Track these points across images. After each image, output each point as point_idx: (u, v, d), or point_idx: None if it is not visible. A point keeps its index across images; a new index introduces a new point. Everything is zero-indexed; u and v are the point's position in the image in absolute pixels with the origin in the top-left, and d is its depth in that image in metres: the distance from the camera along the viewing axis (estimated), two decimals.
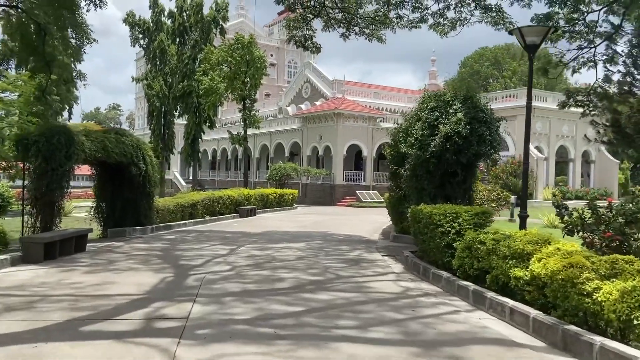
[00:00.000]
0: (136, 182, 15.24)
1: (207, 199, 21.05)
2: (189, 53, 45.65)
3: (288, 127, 48.56)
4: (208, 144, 61.54)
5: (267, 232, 17.14)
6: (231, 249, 12.27)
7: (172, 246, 12.61)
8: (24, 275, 8.34)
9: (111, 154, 13.67)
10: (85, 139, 12.78)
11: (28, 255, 9.38)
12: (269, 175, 41.12)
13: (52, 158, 11.34)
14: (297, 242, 13.98)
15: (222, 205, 22.38)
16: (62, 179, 11.54)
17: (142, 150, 15.37)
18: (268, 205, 28.81)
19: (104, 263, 9.73)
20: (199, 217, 20.19)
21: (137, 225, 15.57)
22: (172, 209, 18.02)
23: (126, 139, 14.88)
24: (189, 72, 44.92)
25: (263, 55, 39.27)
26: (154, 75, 48.78)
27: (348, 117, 42.67)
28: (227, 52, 38.70)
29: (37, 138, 11.38)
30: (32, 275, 8.35)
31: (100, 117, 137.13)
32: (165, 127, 50.23)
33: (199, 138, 47.57)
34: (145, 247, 12.25)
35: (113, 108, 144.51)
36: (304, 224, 21.21)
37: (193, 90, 44.21)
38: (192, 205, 19.67)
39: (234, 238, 14.83)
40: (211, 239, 14.56)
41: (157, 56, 48.96)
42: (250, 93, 39.91)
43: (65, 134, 11.71)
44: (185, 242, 13.69)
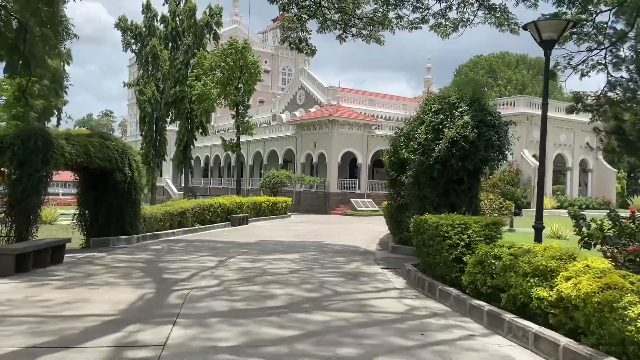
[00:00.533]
0: (121, 189, 14.44)
1: (197, 207, 20.24)
2: (181, 58, 44.96)
3: (282, 134, 47.87)
4: (201, 150, 60.69)
5: (260, 242, 16.35)
6: (220, 260, 11.47)
7: (157, 257, 11.81)
8: None
9: (94, 159, 12.88)
10: (66, 142, 11.99)
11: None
12: (262, 182, 40.33)
13: (27, 163, 10.54)
14: (291, 253, 13.22)
15: (212, 214, 21.57)
16: (39, 185, 10.73)
17: (127, 156, 14.58)
18: (261, 214, 28.02)
19: (80, 277, 8.92)
20: (188, 225, 19.37)
21: (122, 235, 14.75)
22: (160, 217, 17.20)
23: (111, 143, 14.10)
24: (181, 78, 44.20)
25: (257, 60, 38.66)
26: (146, 80, 48.06)
27: (343, 124, 42.05)
28: (220, 57, 38.04)
29: (12, 141, 10.59)
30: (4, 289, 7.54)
31: (93, 123, 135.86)
32: (157, 133, 49.45)
33: (191, 145, 46.78)
34: (128, 259, 11.43)
35: (106, 115, 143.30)
36: (298, 233, 20.45)
37: (185, 96, 43.47)
38: (181, 213, 18.86)
39: (224, 248, 14.04)
40: (200, 249, 13.76)
41: (150, 61, 48.28)
42: (243, 99, 39.27)
43: (43, 136, 10.91)
44: (172, 252, 12.88)
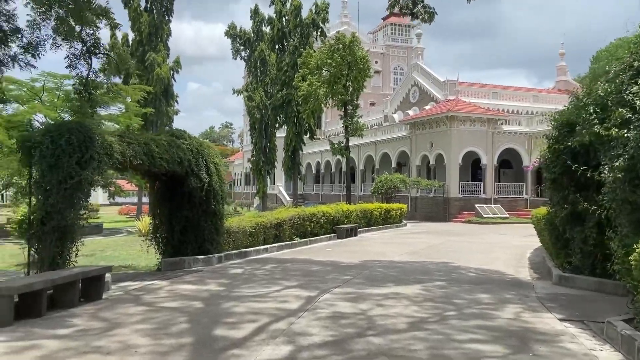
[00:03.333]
0: (197, 198, 11.80)
1: (296, 217, 17.24)
2: (287, 60, 43.17)
3: (395, 135, 43.92)
4: (311, 156, 58.81)
5: (368, 263, 12.80)
6: (309, 297, 8.11)
7: (227, 290, 8.77)
8: None
9: (157, 161, 10.29)
10: (118, 140, 9.49)
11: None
12: (374, 188, 36.76)
13: (58, 166, 8.10)
14: (409, 284, 9.48)
15: (315, 224, 18.47)
16: (74, 194, 8.23)
17: (204, 157, 11.91)
18: (372, 223, 24.48)
19: (97, 331, 6.06)
20: (286, 239, 16.44)
21: (201, 254, 12.11)
22: (250, 230, 14.41)
23: (183, 142, 11.51)
24: (287, 80, 42.36)
25: (366, 55, 35.30)
26: (255, 86, 47.14)
27: (463, 121, 37.09)
28: (327, 54, 35.32)
29: (40, 139, 8.23)
30: None
31: (215, 135, 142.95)
32: (267, 139, 48.28)
33: (299, 150, 44.75)
34: (189, 292, 8.53)
35: (225, 127, 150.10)
36: (415, 248, 16.55)
37: (292, 98, 41.53)
38: (276, 225, 15.96)
39: (321, 274, 10.68)
40: (289, 275, 10.55)
41: (258, 67, 47.36)
42: (352, 98, 36.12)
43: (80, 132, 8.43)
44: (251, 281, 9.81)
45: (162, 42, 37.76)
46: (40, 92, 27.24)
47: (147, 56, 36.58)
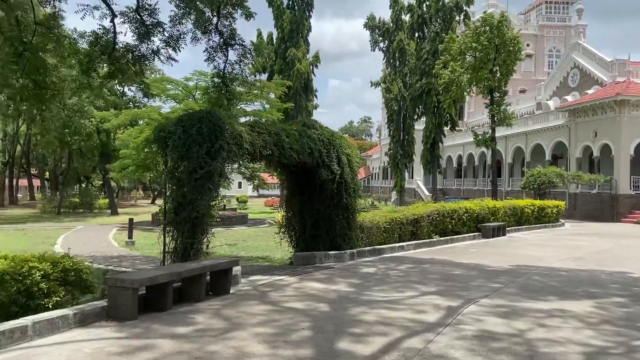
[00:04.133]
0: (329, 191, 11.22)
1: (435, 213, 15.88)
2: (428, 47, 41.23)
3: (549, 124, 39.52)
4: (452, 149, 55.89)
5: (521, 268, 11.08)
6: (450, 308, 6.94)
7: (357, 291, 7.96)
8: (62, 353, 4.77)
9: (287, 152, 9.86)
10: (249, 130, 9.21)
11: (115, 308, 5.90)
12: (524, 183, 33.37)
13: (188, 155, 7.99)
14: (577, 299, 7.76)
15: (456, 222, 16.90)
16: (204, 185, 8.06)
17: (335, 148, 11.27)
18: (523, 222, 21.97)
19: (217, 332, 5.62)
20: (423, 237, 15.23)
21: (332, 249, 11.52)
22: (385, 226, 13.50)
23: (314, 132, 10.99)
24: (427, 69, 40.46)
25: (517, 35, 32.09)
26: (393, 77, 45.98)
27: (636, 105, 31.92)
28: (471, 37, 32.83)
29: (173, 128, 8.21)
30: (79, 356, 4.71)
31: (353, 129, 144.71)
32: (405, 132, 46.88)
33: (439, 142, 42.60)
34: (316, 291, 7.90)
35: (364, 121, 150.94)
36: (579, 253, 14.17)
37: (432, 88, 39.61)
38: (413, 221, 14.83)
39: (464, 279, 9.37)
40: (426, 278, 9.41)
41: (397, 57, 46.12)
42: (499, 84, 33.21)
43: (210, 121, 8.24)
44: (384, 282, 8.88)
45: (303, 37, 38.45)
46: (193, 90, 29.32)
47: (287, 52, 37.53)
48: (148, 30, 10.37)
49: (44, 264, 5.56)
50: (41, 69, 11.00)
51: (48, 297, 5.48)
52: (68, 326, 5.44)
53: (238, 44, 11.20)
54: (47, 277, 5.52)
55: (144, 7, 10.20)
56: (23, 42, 10.56)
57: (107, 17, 10.05)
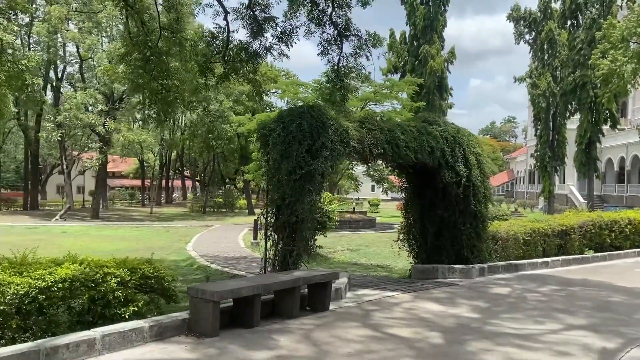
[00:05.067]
0: (453, 195, 9.84)
1: (590, 224, 13.38)
2: (583, 36, 36.50)
3: None
4: (613, 150, 49.00)
5: None
6: (604, 351, 5.26)
7: (480, 320, 6.55)
8: None
9: (403, 151, 8.73)
10: (357, 126, 8.28)
11: (197, 322, 5.36)
12: None
13: (288, 154, 7.30)
14: None
15: (617, 235, 14.11)
16: (304, 187, 7.29)
17: (462, 146, 9.84)
18: None
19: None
20: (574, 252, 12.89)
21: (458, 262, 10.09)
22: (524, 238, 11.60)
23: (436, 128, 9.70)
24: (582, 60, 35.78)
25: None
26: (540, 72, 41.67)
27: None
28: (636, 21, 28.20)
29: (273, 125, 7.59)
30: None
31: (495, 130, 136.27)
32: (554, 131, 42.20)
33: (596, 142, 37.50)
34: (429, 316, 6.65)
35: (508, 121, 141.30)
36: None
37: (587, 81, 34.93)
38: (561, 233, 12.61)
39: (624, 311, 7.36)
40: (574, 305, 7.57)
41: (545, 49, 41.76)
42: None
43: (312, 116, 7.47)
44: (517, 308, 7.29)
45: (437, 33, 36.49)
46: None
47: (420, 49, 35.91)
48: (261, 26, 10.00)
49: (121, 270, 5.22)
50: (165, 73, 11.25)
51: (125, 307, 5.12)
52: (143, 340, 5.00)
53: (353, 34, 10.35)
54: (124, 285, 5.16)
55: (257, 3, 9.84)
56: (149, 46, 10.88)
57: (220, 14, 9.87)
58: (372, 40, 10.35)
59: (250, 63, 10.37)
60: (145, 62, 11.00)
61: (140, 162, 57.23)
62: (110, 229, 26.22)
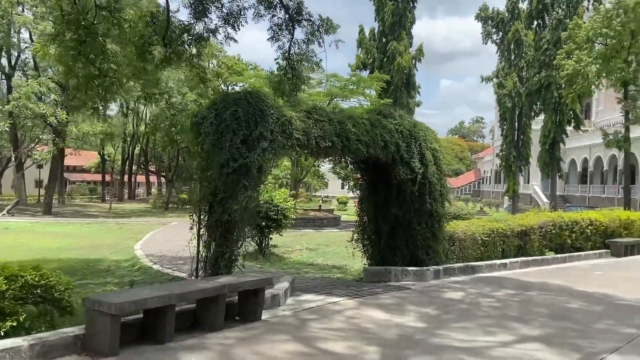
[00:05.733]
0: (408, 193, 9.24)
1: (550, 225, 13.04)
2: (549, 36, 36.77)
3: None
4: (576, 151, 49.80)
5: None
6: None
7: (426, 330, 5.94)
8: None
9: (353, 144, 8.06)
10: (304, 116, 7.57)
11: (92, 338, 4.56)
12: None
13: (220, 145, 6.53)
14: None
15: (577, 236, 13.85)
16: (239, 182, 6.53)
17: (418, 141, 9.25)
18: None
19: None
20: (533, 253, 12.53)
21: (413, 264, 9.51)
22: (482, 238, 11.13)
23: (391, 121, 9.08)
24: (548, 60, 36.04)
25: None
26: (507, 72, 41.89)
27: None
28: (601, 22, 28.44)
29: (205, 113, 6.81)
30: None
31: (464, 130, 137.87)
32: (519, 131, 42.49)
33: (559, 142, 37.84)
34: (371, 326, 5.99)
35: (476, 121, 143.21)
36: None
37: (552, 81, 35.19)
38: (520, 233, 12.21)
39: (583, 319, 6.87)
40: (530, 313, 7.05)
41: (512, 49, 41.99)
42: (636, 76, 28.34)
43: (249, 103, 6.72)
44: (468, 316, 6.72)
45: (405, 30, 36.11)
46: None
47: (388, 46, 35.47)
48: (204, 7, 9.17)
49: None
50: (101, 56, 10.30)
51: (2, 322, 4.27)
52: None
53: (305, 19, 9.63)
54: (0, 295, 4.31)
55: None
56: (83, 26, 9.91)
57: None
58: (325, 26, 9.65)
59: (193, 46, 9.54)
60: (79, 44, 10.03)
61: (101, 155, 55.27)
62: (59, 226, 24.84)
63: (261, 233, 13.93)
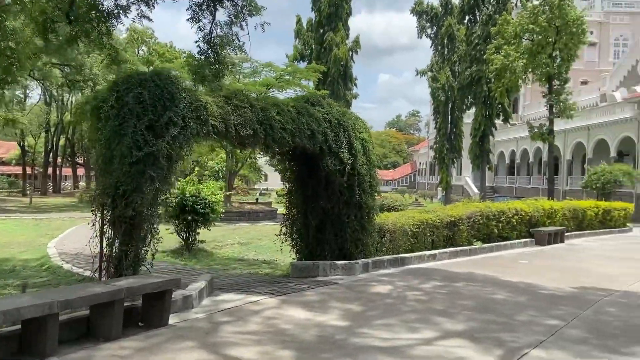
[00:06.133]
0: (337, 185, 8.89)
1: (478, 215, 13.21)
2: (479, 32, 37.85)
3: (615, 118, 35.37)
4: (505, 144, 51.93)
5: (586, 291, 8.36)
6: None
7: (348, 329, 5.60)
8: None
9: (277, 133, 7.58)
10: (223, 101, 7.00)
11: None
12: (586, 181, 29.82)
13: (122, 132, 5.86)
14: None
15: (504, 225, 14.15)
16: (144, 173, 5.89)
17: (347, 131, 8.91)
18: (585, 226, 18.82)
19: None
20: (462, 243, 12.63)
21: (342, 258, 9.20)
22: (412, 230, 11.02)
23: (319, 110, 8.68)
24: (478, 55, 37.09)
25: (581, 15, 28.44)
26: (440, 66, 42.81)
27: None
28: (528, 18, 29.49)
29: (106, 95, 6.10)
30: None
31: (401, 124, 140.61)
32: (452, 124, 43.65)
33: (489, 135, 39.17)
34: (289, 327, 5.59)
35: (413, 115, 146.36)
36: None
37: (483, 76, 36.25)
38: (449, 224, 12.25)
39: (507, 310, 6.81)
40: (455, 305, 6.90)
41: (445, 44, 42.95)
42: (559, 71, 29.63)
43: (157, 86, 6.07)
44: (393, 311, 6.46)
45: (342, 21, 35.95)
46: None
47: (325, 37, 35.18)
48: None
49: None
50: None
51: None
52: None
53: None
54: None
55: None
56: None
57: None
58: (250, 7, 9.07)
59: (103, 24, 8.67)
60: None
61: (21, 147, 51.54)
62: None
63: (187, 228, 13.20)
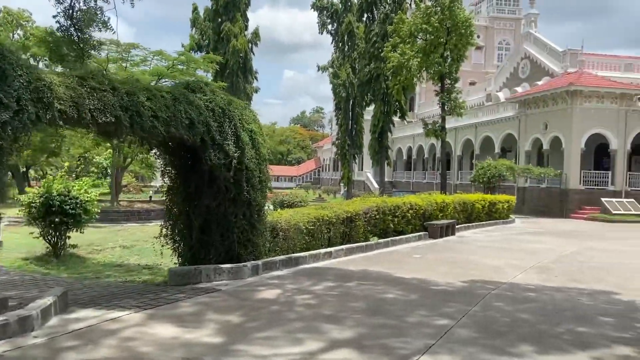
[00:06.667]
0: (222, 181, 8.07)
1: (374, 210, 13.05)
2: (377, 30, 38.54)
3: (499, 116, 37.84)
4: (402, 141, 53.82)
5: (476, 286, 8.35)
6: None
7: (222, 347, 4.88)
8: None
9: (147, 121, 6.61)
10: (77, 82, 5.91)
11: None
12: (474, 176, 31.49)
13: None
14: (564, 351, 5.03)
15: (400, 220, 14.17)
16: None
17: (233, 121, 8.12)
18: (473, 218, 19.68)
19: None
20: (359, 239, 12.37)
21: (229, 261, 8.41)
22: (307, 227, 10.49)
23: (201, 97, 7.80)
24: (376, 53, 37.76)
25: (470, 17, 29.87)
26: (341, 62, 43.15)
27: (589, 97, 30.43)
28: (422, 18, 30.41)
29: None
30: None
31: (306, 120, 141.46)
32: (353, 120, 44.22)
33: (387, 131, 40.11)
34: (149, 350, 4.74)
35: (317, 111, 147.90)
36: (542, 260, 11.70)
37: (381, 73, 36.96)
38: (346, 220, 11.92)
39: (398, 311, 6.47)
40: (345, 309, 6.44)
41: (345, 40, 43.33)
42: (451, 70, 30.95)
43: None
44: (278, 320, 5.84)
45: (240, 11, 34.84)
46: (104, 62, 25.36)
47: (222, 27, 33.86)
48: None
49: None
50: None
51: None
52: None
53: None
54: None
55: None
56: None
57: None
58: None
59: None
60: None
61: None
62: None
63: (55, 231, 11.63)
